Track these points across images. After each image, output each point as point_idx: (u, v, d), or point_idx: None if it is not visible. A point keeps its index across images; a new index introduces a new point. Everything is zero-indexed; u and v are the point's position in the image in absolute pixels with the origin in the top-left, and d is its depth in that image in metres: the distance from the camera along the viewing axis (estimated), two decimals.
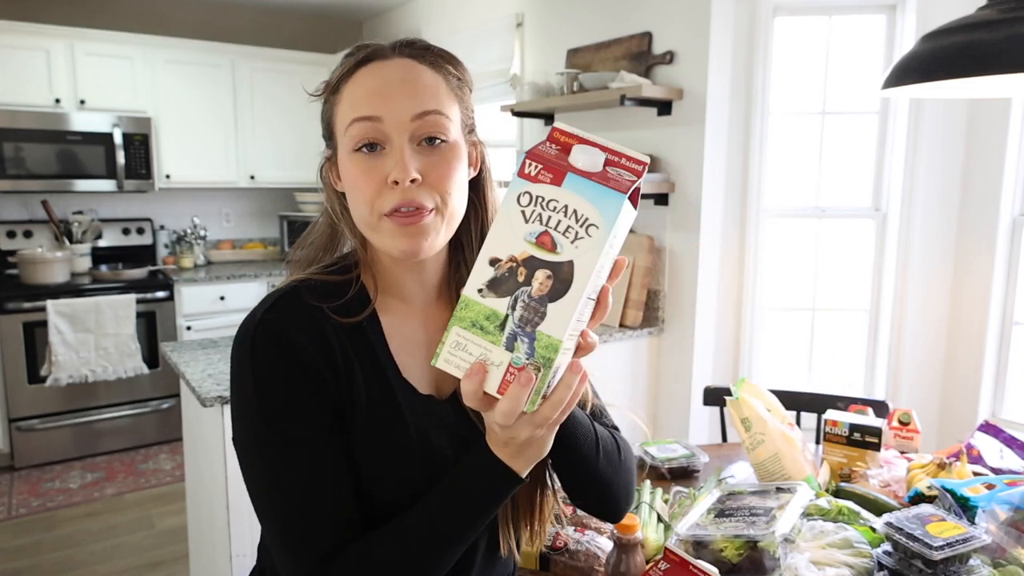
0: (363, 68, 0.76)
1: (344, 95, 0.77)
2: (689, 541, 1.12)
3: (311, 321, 0.76)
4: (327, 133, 0.82)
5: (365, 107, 0.74)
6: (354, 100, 0.75)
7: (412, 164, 0.72)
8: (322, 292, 0.78)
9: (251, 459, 0.75)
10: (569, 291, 0.59)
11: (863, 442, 1.51)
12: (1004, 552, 1.07)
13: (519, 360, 0.60)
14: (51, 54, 3.64)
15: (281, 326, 0.74)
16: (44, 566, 2.70)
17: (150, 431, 3.87)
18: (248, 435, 0.75)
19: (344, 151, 0.76)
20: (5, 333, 3.44)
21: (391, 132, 0.73)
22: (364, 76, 0.76)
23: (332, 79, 0.79)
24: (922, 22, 2.44)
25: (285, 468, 0.73)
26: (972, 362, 2.50)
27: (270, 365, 0.73)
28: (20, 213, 3.95)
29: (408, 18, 4.38)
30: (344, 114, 0.76)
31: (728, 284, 2.72)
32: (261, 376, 0.73)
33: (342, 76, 0.78)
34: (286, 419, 0.73)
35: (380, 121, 0.73)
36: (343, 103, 0.77)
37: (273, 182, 4.43)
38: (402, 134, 0.73)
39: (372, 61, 0.76)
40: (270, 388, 0.73)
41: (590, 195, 0.59)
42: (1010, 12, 1.10)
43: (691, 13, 2.49)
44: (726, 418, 2.00)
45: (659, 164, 2.66)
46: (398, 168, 0.72)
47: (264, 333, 0.74)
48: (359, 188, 0.75)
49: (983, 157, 2.43)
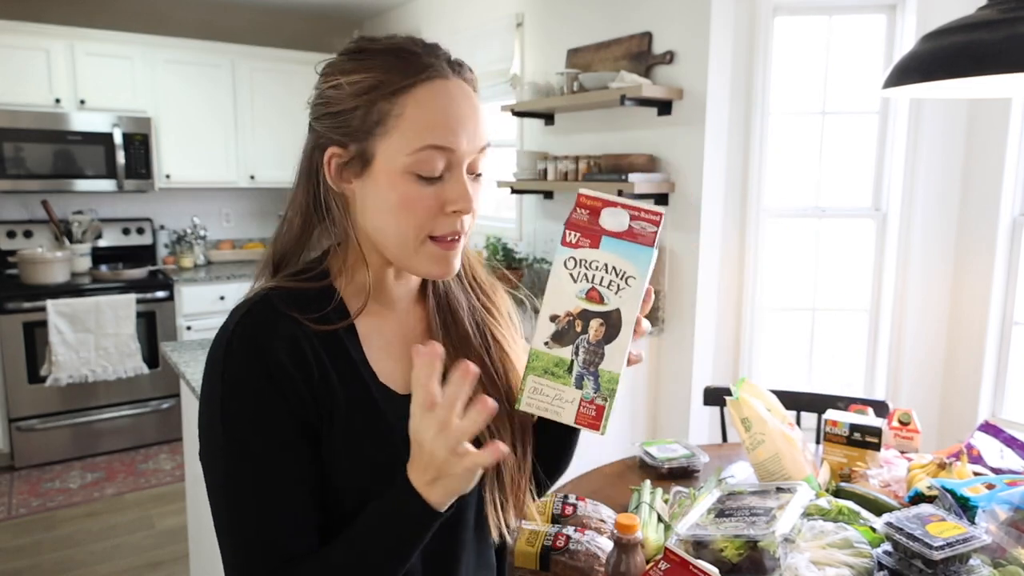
0: (427, 85, 0.73)
1: (407, 110, 0.73)
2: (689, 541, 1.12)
3: (285, 329, 0.74)
4: (362, 132, 0.75)
5: (441, 136, 0.72)
6: (427, 124, 0.72)
7: (473, 196, 0.76)
8: (295, 299, 0.77)
9: (212, 469, 0.74)
10: (620, 333, 0.72)
11: (863, 442, 1.51)
12: (1004, 552, 1.07)
13: (588, 395, 0.73)
14: (51, 54, 3.64)
15: (254, 334, 0.73)
16: (44, 566, 2.70)
17: (150, 431, 3.87)
18: (211, 445, 0.74)
19: (396, 166, 0.73)
20: (5, 333, 3.44)
21: (457, 163, 0.74)
22: (432, 97, 0.73)
23: (389, 82, 0.73)
24: (922, 22, 2.44)
25: (238, 482, 0.72)
26: (972, 362, 2.50)
27: (239, 376, 0.72)
28: (20, 213, 3.95)
29: (408, 18, 4.38)
30: (411, 134, 0.72)
31: (728, 284, 2.72)
32: (229, 386, 0.72)
33: (403, 86, 0.73)
34: (248, 431, 0.72)
35: (453, 153, 0.73)
36: (407, 119, 0.73)
37: (273, 182, 4.43)
38: (463, 165, 0.75)
39: (435, 80, 0.74)
40: (236, 399, 0.72)
41: (624, 252, 0.74)
42: (1010, 12, 1.10)
43: (691, 13, 2.49)
44: (726, 418, 2.00)
45: (659, 164, 2.66)
46: (464, 200, 0.74)
47: (238, 343, 0.73)
48: (411, 211, 0.74)
49: (983, 157, 2.43)
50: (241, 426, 0.72)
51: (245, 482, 0.72)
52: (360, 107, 0.74)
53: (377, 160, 0.75)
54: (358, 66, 0.75)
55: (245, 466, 0.72)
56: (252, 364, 0.72)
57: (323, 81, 0.78)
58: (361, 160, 0.76)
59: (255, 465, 0.72)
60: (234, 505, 0.73)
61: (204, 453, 0.75)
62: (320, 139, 0.77)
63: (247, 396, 0.72)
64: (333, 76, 0.76)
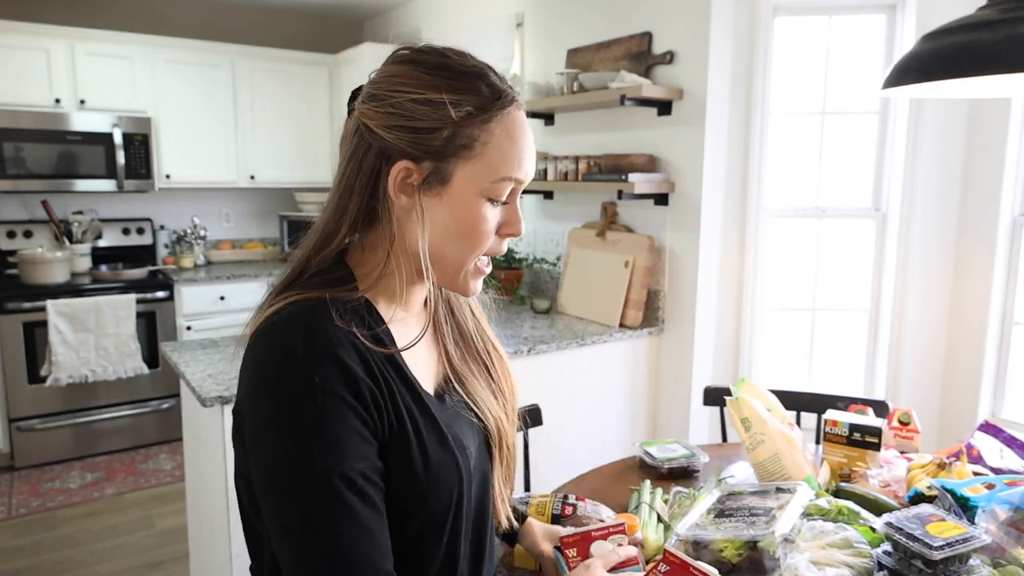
0: (508, 114, 0.76)
1: (495, 138, 0.75)
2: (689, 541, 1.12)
3: (354, 347, 0.72)
4: (445, 153, 0.74)
5: (518, 168, 0.77)
6: (509, 154, 0.76)
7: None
8: (343, 312, 0.74)
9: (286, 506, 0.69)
10: None
11: (863, 442, 1.51)
12: (1004, 552, 1.07)
13: None
14: (51, 54, 3.64)
15: (329, 351, 0.69)
16: (44, 566, 2.70)
17: (150, 431, 3.87)
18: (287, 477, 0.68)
19: (474, 190, 0.75)
20: (5, 333, 3.44)
21: (518, 190, 0.80)
22: (513, 126, 0.77)
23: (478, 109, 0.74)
24: (922, 22, 2.44)
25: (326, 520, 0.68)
26: (972, 362, 2.50)
27: (325, 393, 0.68)
28: (20, 213, 3.95)
29: (408, 18, 4.38)
30: (496, 161, 0.75)
31: (728, 284, 2.72)
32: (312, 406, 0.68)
33: (492, 115, 0.75)
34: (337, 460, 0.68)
35: (521, 183, 0.79)
36: (493, 147, 0.75)
37: (273, 182, 4.43)
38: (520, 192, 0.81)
39: (513, 109, 0.77)
40: (322, 419, 0.68)
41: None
42: (1010, 12, 1.10)
43: (691, 13, 2.48)
44: (726, 418, 2.00)
45: (659, 164, 2.66)
46: (518, 224, 0.81)
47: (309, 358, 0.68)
48: (480, 233, 0.77)
49: (983, 157, 2.43)
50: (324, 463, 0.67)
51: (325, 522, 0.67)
52: (446, 128, 0.73)
53: (455, 181, 0.75)
54: (445, 84, 0.74)
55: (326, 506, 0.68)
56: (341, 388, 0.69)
57: (398, 90, 0.74)
58: (436, 178, 0.75)
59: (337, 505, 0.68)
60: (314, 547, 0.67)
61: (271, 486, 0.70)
62: (388, 149, 0.75)
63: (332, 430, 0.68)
64: (416, 89, 0.73)
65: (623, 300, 2.67)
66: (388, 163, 0.75)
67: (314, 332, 0.70)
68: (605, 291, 2.74)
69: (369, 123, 0.75)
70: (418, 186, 0.75)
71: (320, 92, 4.49)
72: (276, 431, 0.69)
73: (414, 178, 0.75)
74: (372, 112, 0.75)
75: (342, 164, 0.79)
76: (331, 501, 0.68)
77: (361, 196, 0.77)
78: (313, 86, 4.46)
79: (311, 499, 0.68)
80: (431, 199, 0.76)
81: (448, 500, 0.79)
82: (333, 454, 0.68)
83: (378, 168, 0.75)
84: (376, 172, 0.76)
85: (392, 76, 0.75)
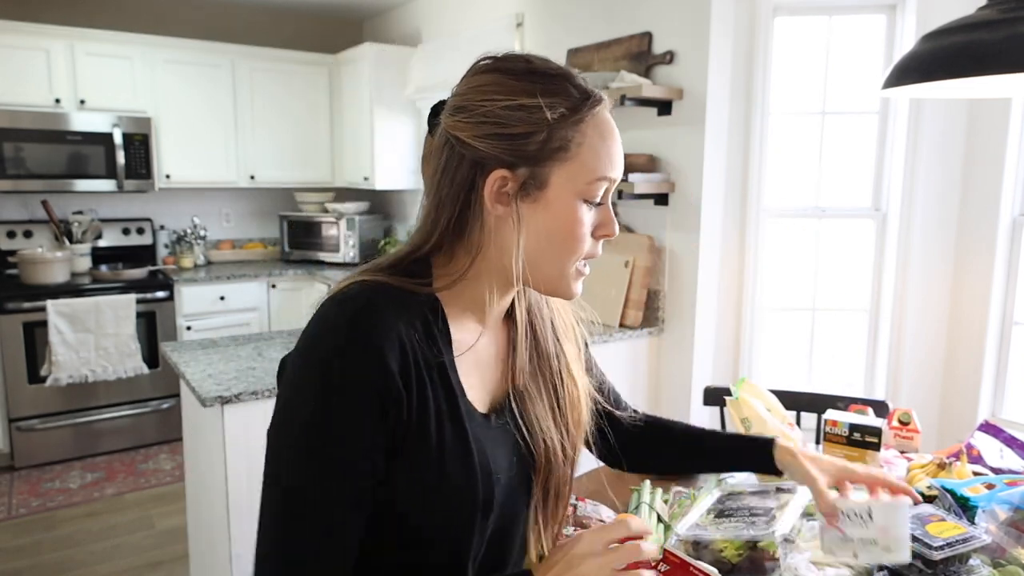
0: (598, 113, 0.77)
1: (587, 139, 0.75)
2: (689, 541, 1.12)
3: (399, 338, 0.72)
4: (540, 157, 0.74)
5: (610, 168, 0.77)
6: (601, 155, 0.76)
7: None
8: (400, 302, 0.74)
9: (282, 472, 0.71)
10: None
11: (863, 442, 1.51)
12: (1004, 552, 1.07)
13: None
14: (51, 54, 3.64)
15: (372, 338, 0.70)
16: (44, 566, 2.70)
17: (150, 431, 3.87)
18: (289, 445, 0.71)
19: (571, 193, 0.75)
20: (5, 333, 3.44)
21: (610, 191, 0.79)
22: (604, 126, 0.77)
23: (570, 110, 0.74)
24: (922, 22, 2.43)
25: (312, 491, 0.70)
26: (972, 362, 2.50)
27: (352, 380, 0.69)
28: (20, 213, 3.95)
29: (408, 18, 4.38)
30: (590, 162, 0.75)
31: (728, 284, 2.72)
32: (335, 388, 0.69)
33: (584, 115, 0.75)
34: (339, 443, 0.69)
35: (614, 183, 0.78)
36: (586, 149, 0.75)
37: (273, 182, 4.43)
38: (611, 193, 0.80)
39: (601, 108, 0.77)
40: (340, 404, 0.69)
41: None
42: (1010, 12, 1.10)
43: (691, 13, 2.48)
44: (726, 418, 2.00)
45: (659, 164, 2.66)
46: (613, 224, 0.80)
47: (349, 344, 0.69)
48: (579, 236, 0.76)
49: (983, 157, 2.43)
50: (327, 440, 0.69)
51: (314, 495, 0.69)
52: (540, 132, 0.73)
53: (551, 186, 0.75)
54: (536, 88, 0.73)
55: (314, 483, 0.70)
56: (365, 370, 0.69)
57: (489, 98, 0.74)
58: (533, 184, 0.75)
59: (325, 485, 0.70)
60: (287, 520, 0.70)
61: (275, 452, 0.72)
62: (483, 159, 0.74)
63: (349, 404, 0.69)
64: (507, 96, 0.73)
65: (623, 300, 2.66)
66: (483, 173, 0.74)
67: (362, 313, 0.71)
68: (605, 291, 2.74)
69: (460, 135, 0.74)
70: (515, 194, 0.75)
71: (320, 92, 4.49)
72: (295, 386, 0.72)
73: (510, 186, 0.75)
74: (462, 123, 0.74)
75: (432, 179, 0.79)
76: (311, 470, 0.70)
77: (453, 208, 0.76)
78: (313, 86, 4.46)
79: (294, 459, 0.70)
80: (528, 205, 0.75)
81: (457, 517, 0.76)
82: (333, 433, 0.69)
83: (472, 179, 0.75)
84: (470, 184, 0.75)
85: (480, 86, 0.75)
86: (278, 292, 4.16)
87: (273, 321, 4.16)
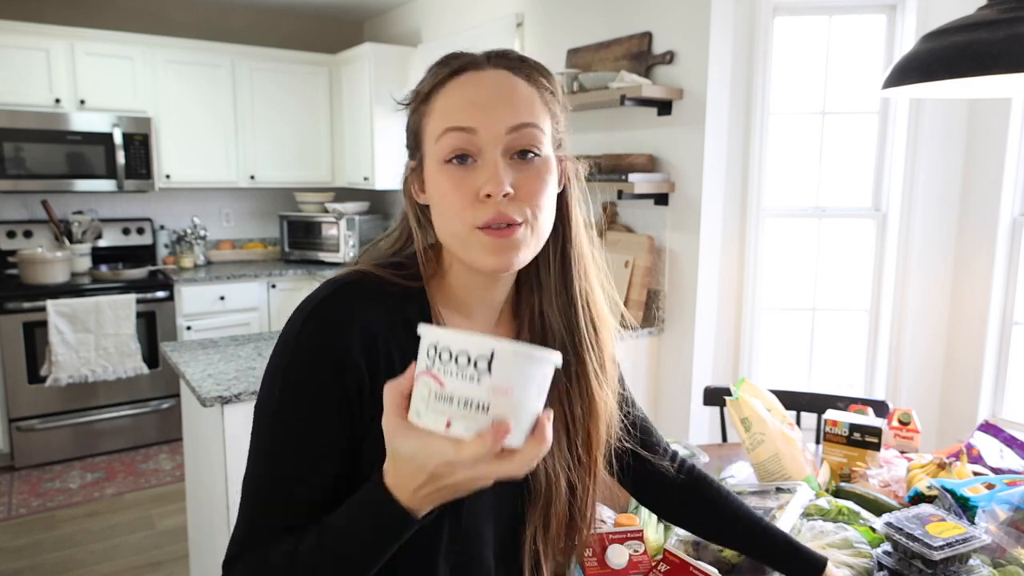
0: (456, 78, 0.75)
1: (436, 105, 0.75)
2: (689, 541, 1.12)
3: (365, 321, 0.74)
4: (413, 143, 0.80)
5: (460, 118, 0.72)
6: (448, 110, 0.74)
7: (506, 178, 0.71)
8: (382, 292, 0.77)
9: (255, 429, 0.76)
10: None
11: (863, 442, 1.51)
12: (1004, 552, 1.07)
13: None
14: (51, 54, 3.64)
15: (335, 316, 0.73)
16: (44, 566, 2.70)
17: (150, 431, 3.87)
18: (262, 405, 0.75)
19: (433, 162, 0.75)
20: (5, 333, 3.44)
21: (485, 144, 0.72)
22: (458, 86, 0.74)
23: (423, 88, 0.77)
24: (922, 22, 2.44)
25: (274, 446, 0.73)
26: (972, 362, 2.50)
27: (312, 348, 0.72)
28: (20, 213, 3.95)
29: (408, 18, 4.38)
30: (436, 124, 0.74)
31: (728, 284, 2.72)
32: (298, 355, 0.73)
33: (435, 85, 0.75)
34: (303, 399, 0.72)
35: (474, 133, 0.72)
36: (434, 113, 0.75)
37: (273, 182, 4.43)
38: (496, 147, 0.72)
39: (466, 71, 0.75)
40: (303, 368, 0.72)
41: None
42: (1010, 12, 1.10)
43: (691, 13, 2.49)
44: (726, 418, 2.00)
45: (659, 164, 2.66)
46: (492, 182, 0.71)
47: (318, 317, 0.73)
48: (450, 200, 0.73)
49: (983, 157, 2.43)
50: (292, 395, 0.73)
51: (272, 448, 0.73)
52: (411, 117, 0.79)
53: (425, 158, 0.77)
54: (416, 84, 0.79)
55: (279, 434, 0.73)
56: (323, 342, 0.72)
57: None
58: (420, 167, 0.79)
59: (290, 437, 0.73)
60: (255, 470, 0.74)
61: (255, 412, 0.77)
62: (408, 159, 0.82)
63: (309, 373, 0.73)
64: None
65: (623, 300, 2.66)
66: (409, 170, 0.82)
67: (335, 296, 0.75)
68: None
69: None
70: (419, 178, 0.80)
71: (320, 92, 4.49)
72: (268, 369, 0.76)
73: (412, 174, 0.81)
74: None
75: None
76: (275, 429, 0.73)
77: (407, 202, 0.83)
78: (313, 86, 4.46)
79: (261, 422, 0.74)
80: (423, 185, 0.79)
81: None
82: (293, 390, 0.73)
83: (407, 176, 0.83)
84: (406, 180, 0.83)
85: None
86: (278, 292, 4.16)
87: (273, 321, 4.16)
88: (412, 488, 0.61)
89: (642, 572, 1.02)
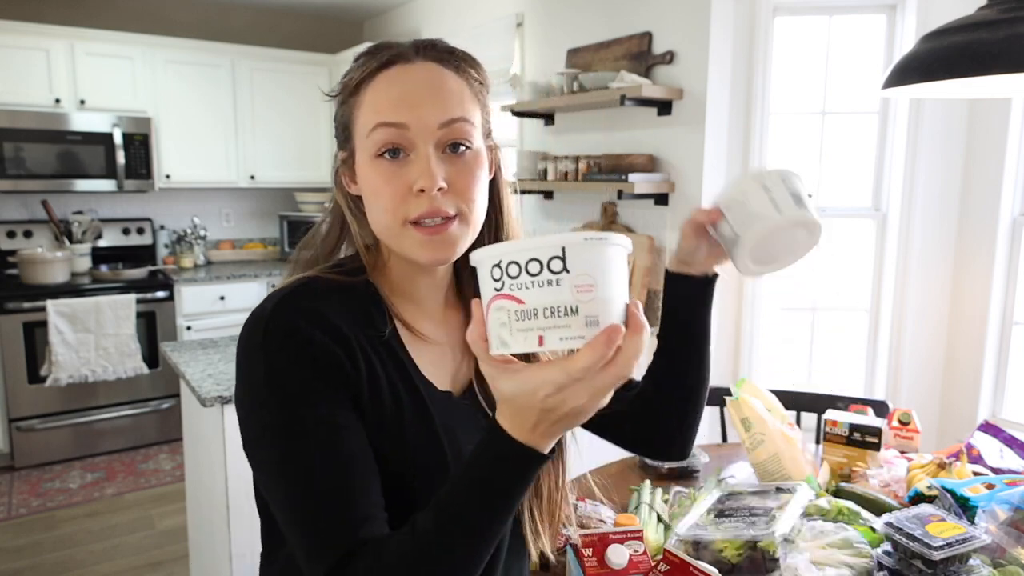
0: (386, 71, 0.74)
1: (366, 98, 0.74)
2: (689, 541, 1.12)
3: (325, 316, 0.72)
4: (343, 135, 0.79)
5: (391, 113, 0.72)
6: (378, 104, 0.73)
7: (439, 172, 0.71)
8: (331, 291, 0.76)
9: (266, 455, 0.71)
10: None
11: (863, 442, 1.51)
12: (1004, 552, 1.07)
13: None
14: (51, 54, 3.64)
15: (293, 317, 0.71)
16: (44, 566, 2.70)
17: (150, 431, 3.87)
18: (261, 429, 0.70)
19: (365, 155, 0.74)
20: (5, 333, 3.44)
21: (416, 139, 0.72)
22: (388, 80, 0.73)
23: (351, 80, 0.76)
24: (922, 22, 2.44)
25: (306, 457, 0.68)
26: (972, 362, 2.50)
27: (284, 353, 0.69)
28: (20, 213, 3.95)
29: (408, 18, 4.38)
30: (366, 118, 0.74)
31: (728, 284, 2.72)
32: (273, 365, 0.69)
33: (363, 77, 0.75)
34: (303, 404, 0.69)
35: (406, 128, 0.72)
36: (365, 106, 0.74)
37: (273, 182, 4.43)
38: (428, 141, 0.72)
39: (395, 64, 0.74)
40: (285, 375, 0.69)
41: None
42: (1010, 12, 1.10)
43: (691, 13, 2.49)
44: (726, 418, 2.00)
45: (659, 164, 2.66)
46: (425, 176, 0.71)
47: (276, 323, 0.70)
48: (382, 195, 0.73)
49: (983, 157, 2.43)
50: (291, 405, 0.69)
51: (305, 461, 0.68)
52: (340, 109, 0.78)
53: (356, 155, 0.77)
54: (343, 73, 0.78)
55: (303, 444, 0.68)
56: (293, 343, 0.70)
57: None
58: (351, 159, 0.78)
59: (314, 441, 0.68)
60: (296, 489, 0.68)
61: (253, 443, 0.72)
62: (338, 150, 0.82)
63: (293, 371, 0.69)
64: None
65: None
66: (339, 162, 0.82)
67: (287, 298, 0.73)
68: None
69: None
70: (350, 171, 0.79)
71: (320, 92, 4.48)
72: (243, 397, 0.72)
73: (343, 166, 0.81)
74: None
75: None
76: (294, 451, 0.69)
77: (338, 193, 0.83)
78: (313, 86, 4.46)
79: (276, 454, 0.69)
80: (358, 180, 0.79)
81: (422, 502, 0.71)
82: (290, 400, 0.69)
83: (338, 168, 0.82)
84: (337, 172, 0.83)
85: None
86: None
87: None
88: (528, 427, 0.59)
89: (642, 572, 1.02)
